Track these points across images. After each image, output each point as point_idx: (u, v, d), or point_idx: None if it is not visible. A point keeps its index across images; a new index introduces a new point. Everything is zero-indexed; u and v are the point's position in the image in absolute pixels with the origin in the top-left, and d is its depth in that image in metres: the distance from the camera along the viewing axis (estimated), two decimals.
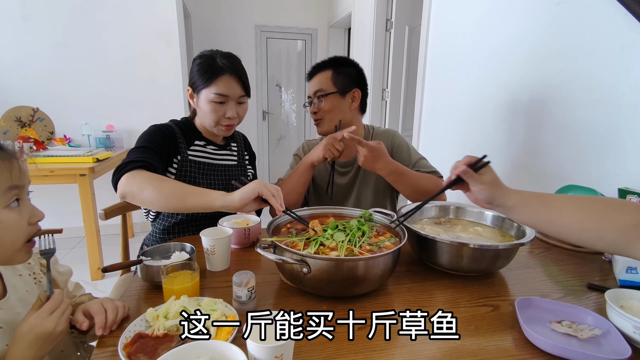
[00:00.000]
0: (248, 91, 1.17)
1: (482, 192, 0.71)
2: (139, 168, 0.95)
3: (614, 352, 0.59)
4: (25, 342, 0.58)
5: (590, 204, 0.63)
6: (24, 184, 0.63)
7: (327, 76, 1.29)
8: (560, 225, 0.64)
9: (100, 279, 2.36)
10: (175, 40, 2.94)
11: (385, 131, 1.43)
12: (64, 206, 2.85)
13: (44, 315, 0.60)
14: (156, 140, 1.09)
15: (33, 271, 0.74)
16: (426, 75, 2.34)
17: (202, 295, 0.76)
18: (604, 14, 1.20)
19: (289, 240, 0.82)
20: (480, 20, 1.81)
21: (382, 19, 3.08)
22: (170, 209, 0.96)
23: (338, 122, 1.27)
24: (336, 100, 1.29)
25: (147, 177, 0.93)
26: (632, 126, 1.14)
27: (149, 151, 1.04)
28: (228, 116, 1.13)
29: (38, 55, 2.71)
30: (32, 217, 0.63)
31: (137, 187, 0.92)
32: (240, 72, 1.13)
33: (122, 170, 0.94)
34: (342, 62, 1.32)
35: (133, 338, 0.61)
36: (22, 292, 0.68)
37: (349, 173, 1.38)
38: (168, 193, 0.91)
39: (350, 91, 1.30)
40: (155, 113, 2.90)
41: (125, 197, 0.94)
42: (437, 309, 0.62)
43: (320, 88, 1.28)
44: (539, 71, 1.47)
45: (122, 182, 0.93)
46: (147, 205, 0.95)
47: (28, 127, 2.71)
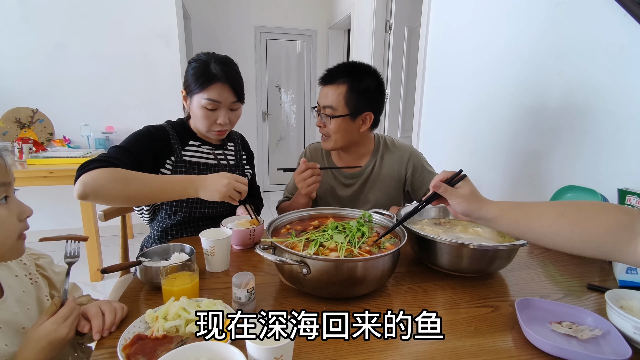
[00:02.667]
0: (241, 97, 1.16)
1: (459, 205, 0.71)
2: (99, 167, 0.92)
3: (614, 352, 0.59)
4: (38, 347, 0.58)
5: (571, 210, 0.63)
6: (9, 180, 0.63)
7: (340, 92, 1.16)
8: (544, 233, 0.64)
9: (99, 281, 2.35)
10: (175, 41, 2.94)
11: (400, 148, 1.33)
12: (64, 207, 2.85)
13: (59, 321, 0.60)
14: (139, 143, 1.07)
15: (29, 272, 0.74)
16: (425, 76, 2.34)
17: (201, 296, 0.75)
18: (602, 14, 1.20)
19: (289, 241, 0.82)
20: (479, 21, 1.82)
21: (381, 20, 3.09)
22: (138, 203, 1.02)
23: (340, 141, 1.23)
24: (345, 122, 1.19)
25: (109, 174, 0.90)
26: (631, 126, 1.14)
27: (125, 152, 1.02)
28: (219, 122, 1.13)
29: (37, 56, 2.71)
30: (21, 213, 0.64)
31: (99, 184, 0.89)
32: (233, 80, 1.11)
33: (83, 170, 0.91)
34: (361, 72, 1.18)
35: (132, 339, 0.60)
36: (18, 293, 0.68)
37: (354, 185, 1.33)
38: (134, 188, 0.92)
39: (362, 114, 1.20)
40: (155, 114, 2.88)
41: (87, 197, 0.89)
42: (437, 310, 0.62)
43: (331, 105, 1.17)
44: (538, 72, 1.47)
45: (80, 181, 0.89)
46: (112, 202, 0.96)
47: (27, 128, 2.71)
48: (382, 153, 1.33)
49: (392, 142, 1.36)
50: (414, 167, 1.31)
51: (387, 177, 1.31)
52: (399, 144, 1.36)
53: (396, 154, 1.32)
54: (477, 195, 0.72)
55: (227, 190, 0.93)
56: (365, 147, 1.32)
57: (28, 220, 0.66)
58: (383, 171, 1.31)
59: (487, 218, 0.70)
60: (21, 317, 0.65)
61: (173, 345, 0.59)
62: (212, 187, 0.94)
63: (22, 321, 0.65)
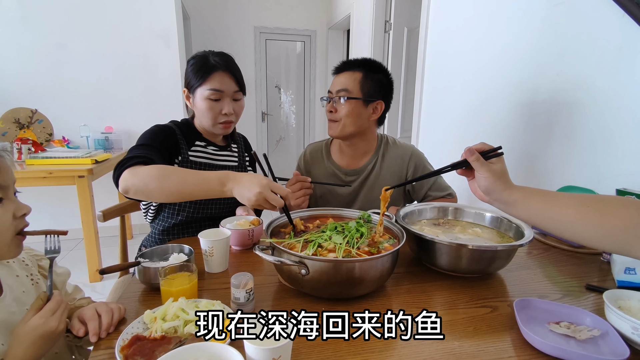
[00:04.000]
0: (243, 88, 1.17)
1: (485, 179, 0.69)
2: (140, 164, 0.95)
3: (612, 353, 0.59)
4: (27, 342, 0.58)
5: (594, 202, 0.62)
6: (8, 184, 0.63)
7: (356, 77, 1.21)
8: (563, 222, 0.63)
9: (99, 281, 2.35)
10: (175, 41, 2.94)
11: (401, 148, 1.34)
12: (63, 208, 2.85)
13: (47, 314, 0.60)
14: (157, 139, 1.09)
15: (30, 272, 0.74)
16: (425, 76, 2.34)
17: (200, 297, 0.75)
18: (602, 15, 1.21)
19: (288, 242, 0.82)
20: (478, 22, 1.82)
21: (380, 21, 3.09)
22: (174, 199, 1.00)
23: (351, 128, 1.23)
24: (358, 107, 1.21)
25: (149, 170, 0.92)
26: (630, 127, 1.14)
27: (150, 148, 1.04)
28: (224, 112, 1.13)
29: (37, 56, 2.71)
30: (17, 210, 0.64)
31: (140, 180, 0.91)
32: (233, 69, 1.14)
33: (123, 166, 0.94)
34: (375, 67, 1.24)
35: (130, 340, 0.60)
36: (18, 292, 0.68)
37: (353, 183, 1.33)
38: (172, 184, 0.91)
39: (374, 102, 1.23)
40: (154, 114, 2.90)
41: (128, 192, 0.92)
42: (436, 311, 0.62)
43: (346, 88, 1.21)
44: (537, 72, 1.47)
45: (124, 176, 0.92)
46: (151, 197, 0.94)
47: (26, 129, 2.71)
48: (383, 152, 1.33)
49: (393, 141, 1.37)
50: (415, 166, 1.31)
51: (387, 176, 1.31)
52: (401, 143, 1.37)
53: (397, 153, 1.32)
54: (506, 176, 0.70)
55: (257, 200, 0.84)
56: (368, 144, 1.32)
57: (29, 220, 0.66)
58: (384, 170, 1.32)
59: (508, 201, 0.68)
60: (18, 317, 0.65)
61: (171, 346, 0.59)
62: (245, 192, 0.85)
63: (19, 321, 0.65)
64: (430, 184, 1.30)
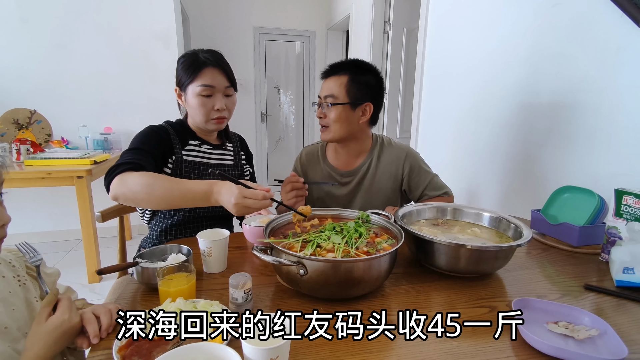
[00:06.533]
0: (234, 83, 1.18)
1: None
2: (129, 170, 0.95)
3: (610, 353, 0.59)
4: (51, 340, 0.59)
5: None
6: None
7: (342, 82, 1.20)
8: None
9: (97, 282, 2.35)
10: (174, 42, 2.94)
11: (396, 148, 1.34)
12: (61, 208, 2.85)
13: (68, 310, 0.61)
14: (150, 142, 1.09)
15: (17, 274, 0.73)
16: (424, 77, 2.35)
17: (198, 297, 0.75)
18: (600, 15, 1.21)
19: (286, 242, 0.81)
20: (477, 22, 1.82)
21: (380, 21, 3.09)
22: (162, 207, 0.98)
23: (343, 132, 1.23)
24: (345, 111, 1.21)
25: (137, 178, 0.93)
26: (629, 127, 1.14)
27: (142, 152, 1.04)
28: (217, 108, 1.14)
29: (35, 57, 2.71)
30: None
31: (128, 188, 0.92)
32: (223, 64, 1.14)
33: (113, 173, 0.95)
34: (362, 68, 1.22)
35: (128, 341, 0.60)
36: (4, 293, 0.68)
37: (349, 184, 1.33)
38: (159, 194, 0.92)
39: (362, 105, 1.22)
40: (153, 115, 2.86)
41: (117, 199, 0.95)
42: (434, 311, 0.62)
43: (332, 94, 1.20)
44: (536, 73, 1.47)
45: (113, 184, 0.94)
46: (140, 205, 0.96)
47: (25, 130, 2.70)
48: (378, 152, 1.33)
49: (389, 141, 1.36)
50: (411, 166, 1.31)
51: (383, 176, 1.31)
52: (396, 143, 1.36)
53: (393, 153, 1.32)
54: None
55: (239, 210, 0.86)
56: (362, 145, 1.32)
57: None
58: (379, 170, 1.31)
59: None
60: (4, 317, 0.64)
61: (169, 347, 0.59)
62: (226, 204, 0.88)
63: (5, 321, 0.65)
64: (426, 183, 1.30)
